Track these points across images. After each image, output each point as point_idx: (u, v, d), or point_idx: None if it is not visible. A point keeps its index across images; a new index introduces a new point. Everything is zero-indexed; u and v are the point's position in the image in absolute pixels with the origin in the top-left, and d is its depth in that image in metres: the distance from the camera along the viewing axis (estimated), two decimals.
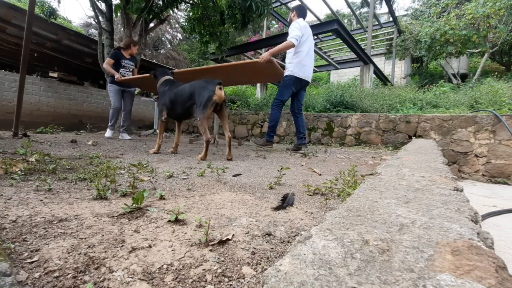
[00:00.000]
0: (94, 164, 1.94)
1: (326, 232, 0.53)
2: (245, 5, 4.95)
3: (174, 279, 0.61)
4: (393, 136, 4.01)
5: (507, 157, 3.08)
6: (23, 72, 3.34)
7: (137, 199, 1.03)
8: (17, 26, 5.67)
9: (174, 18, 17.18)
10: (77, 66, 7.90)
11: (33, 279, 0.58)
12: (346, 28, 6.03)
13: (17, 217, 0.91)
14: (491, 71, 9.07)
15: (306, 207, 1.20)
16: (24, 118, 4.99)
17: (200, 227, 0.90)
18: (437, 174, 1.17)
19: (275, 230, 0.91)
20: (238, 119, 5.89)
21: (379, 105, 4.75)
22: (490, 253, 0.43)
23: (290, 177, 1.89)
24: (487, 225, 1.60)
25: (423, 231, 0.53)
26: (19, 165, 1.61)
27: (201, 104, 2.50)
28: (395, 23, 9.97)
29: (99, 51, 5.68)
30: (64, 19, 15.45)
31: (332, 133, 4.60)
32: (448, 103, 4.52)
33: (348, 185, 1.47)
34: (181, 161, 2.43)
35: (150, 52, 16.67)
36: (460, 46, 6.73)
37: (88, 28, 16.98)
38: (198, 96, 2.54)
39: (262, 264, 0.69)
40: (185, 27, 6.23)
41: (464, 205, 0.71)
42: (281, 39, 6.54)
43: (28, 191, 1.21)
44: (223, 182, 1.64)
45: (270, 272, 0.39)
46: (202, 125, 2.50)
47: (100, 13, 5.65)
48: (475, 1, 6.57)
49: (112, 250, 0.73)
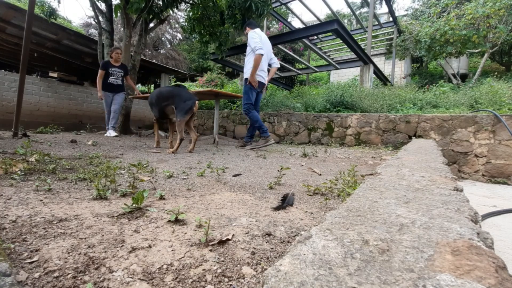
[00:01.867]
0: (94, 164, 1.94)
1: (326, 232, 0.53)
2: (245, 5, 4.95)
3: (174, 279, 0.61)
4: (393, 136, 4.01)
5: (507, 157, 3.08)
6: (23, 72, 3.34)
7: (137, 199, 1.03)
8: (17, 26, 5.68)
9: (174, 18, 17.18)
10: (77, 66, 7.90)
11: (33, 279, 0.58)
12: (346, 28, 6.03)
13: (17, 217, 0.91)
14: (491, 71, 9.08)
15: (306, 207, 1.20)
16: (24, 118, 5.00)
17: (200, 227, 0.90)
18: (437, 174, 1.17)
19: (275, 230, 0.91)
20: (238, 119, 5.88)
21: (379, 105, 4.75)
22: (490, 253, 0.43)
23: (290, 177, 1.89)
24: (487, 225, 1.60)
25: (423, 231, 0.53)
26: (19, 165, 1.61)
27: (182, 109, 3.01)
28: (395, 23, 9.97)
29: (99, 51, 5.69)
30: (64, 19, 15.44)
31: (332, 133, 4.60)
32: (448, 103, 4.51)
33: (348, 185, 1.47)
34: (181, 161, 2.43)
35: (150, 52, 16.67)
36: (460, 46, 6.73)
37: (88, 28, 16.98)
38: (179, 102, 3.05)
39: (262, 264, 0.69)
40: (185, 27, 6.23)
41: (464, 205, 0.71)
42: (281, 39, 6.55)
43: (28, 191, 1.21)
44: (223, 182, 1.64)
45: (270, 272, 0.39)
46: (179, 126, 3.04)
47: (100, 13, 5.65)
48: (475, 1, 6.57)
49: (112, 250, 0.73)
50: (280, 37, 6.62)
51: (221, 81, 11.90)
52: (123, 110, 5.60)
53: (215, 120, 4.52)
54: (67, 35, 6.23)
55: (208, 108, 7.18)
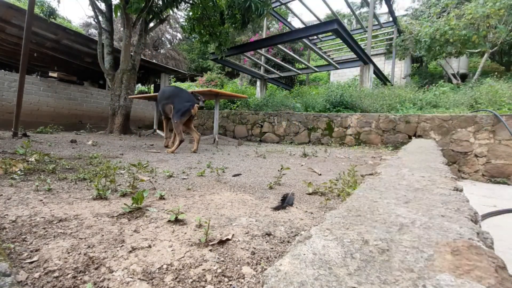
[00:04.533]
0: (94, 164, 1.94)
1: (326, 232, 0.53)
2: (244, 5, 4.94)
3: (174, 279, 0.61)
4: (393, 136, 4.01)
5: (507, 157, 3.08)
6: (23, 72, 3.34)
7: (137, 199, 1.03)
8: (16, 26, 5.67)
9: (174, 18, 17.17)
10: (77, 66, 7.90)
11: (32, 279, 0.58)
12: (346, 28, 6.03)
13: (16, 217, 0.90)
14: (491, 71, 9.07)
15: (306, 207, 1.20)
16: (24, 118, 4.99)
17: (200, 227, 0.90)
18: (437, 174, 1.17)
19: (275, 230, 0.91)
20: (238, 119, 5.88)
21: (379, 105, 4.75)
22: (490, 253, 0.43)
23: (290, 177, 1.89)
24: (487, 225, 1.60)
25: (423, 231, 0.53)
26: (19, 165, 1.61)
27: (179, 110, 3.03)
28: (395, 23, 9.97)
29: (99, 51, 5.68)
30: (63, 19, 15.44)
31: (332, 133, 4.59)
32: (448, 103, 4.51)
33: (348, 185, 1.47)
34: (180, 161, 2.43)
35: (150, 52, 16.66)
36: (459, 46, 6.72)
37: (88, 28, 16.97)
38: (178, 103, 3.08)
39: (262, 264, 0.69)
40: (185, 27, 6.23)
41: (464, 205, 0.71)
42: (281, 39, 6.54)
43: (28, 191, 1.21)
44: (223, 182, 1.64)
45: (270, 272, 0.39)
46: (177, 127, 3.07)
47: (100, 13, 5.65)
48: (475, 1, 6.57)
49: (112, 250, 0.73)
50: (280, 37, 6.61)
51: (221, 81, 11.91)
52: (123, 110, 5.60)
53: (215, 120, 4.52)
54: (66, 35, 6.22)
55: (208, 108, 7.18)
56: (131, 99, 5.85)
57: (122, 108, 5.59)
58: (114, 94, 5.63)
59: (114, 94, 5.63)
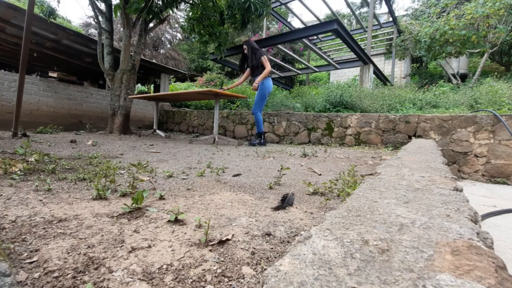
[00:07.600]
0: (93, 164, 1.94)
1: (326, 232, 0.53)
2: (244, 5, 4.94)
3: (173, 279, 0.61)
4: (392, 136, 4.01)
5: (507, 157, 3.08)
6: (23, 72, 3.34)
7: (136, 199, 1.03)
8: (16, 26, 5.67)
9: (174, 18, 17.17)
10: (77, 66, 7.90)
11: (32, 279, 0.58)
12: (346, 28, 6.03)
13: (16, 217, 0.90)
14: (490, 71, 9.08)
15: (306, 207, 1.20)
16: (23, 118, 4.99)
17: (199, 227, 0.90)
18: (437, 174, 1.17)
19: (275, 230, 0.91)
20: (238, 119, 5.88)
21: (379, 105, 4.75)
22: (490, 253, 0.43)
23: (290, 177, 1.89)
24: (487, 225, 1.60)
25: (423, 231, 0.53)
26: (18, 165, 1.61)
27: None
28: (394, 23, 9.98)
29: (99, 51, 5.68)
30: (63, 19, 15.44)
31: (331, 133, 4.59)
32: (448, 103, 4.52)
33: (348, 185, 1.47)
34: (180, 161, 2.43)
35: (150, 52, 16.66)
36: (459, 46, 6.73)
37: (87, 28, 16.97)
38: None
39: (262, 264, 0.69)
40: (184, 27, 6.23)
41: (463, 205, 0.71)
42: (281, 39, 6.55)
43: (27, 191, 1.21)
44: (222, 182, 1.64)
45: (270, 272, 0.39)
46: None
47: (99, 13, 5.64)
48: (475, 1, 6.57)
49: (112, 250, 0.73)
50: (280, 37, 6.62)
51: (221, 81, 11.90)
52: (122, 110, 5.60)
53: (215, 120, 4.52)
54: (66, 35, 6.22)
55: (208, 108, 7.17)
56: (131, 99, 5.85)
57: (122, 108, 5.59)
58: (114, 94, 5.62)
59: (114, 94, 5.63)
